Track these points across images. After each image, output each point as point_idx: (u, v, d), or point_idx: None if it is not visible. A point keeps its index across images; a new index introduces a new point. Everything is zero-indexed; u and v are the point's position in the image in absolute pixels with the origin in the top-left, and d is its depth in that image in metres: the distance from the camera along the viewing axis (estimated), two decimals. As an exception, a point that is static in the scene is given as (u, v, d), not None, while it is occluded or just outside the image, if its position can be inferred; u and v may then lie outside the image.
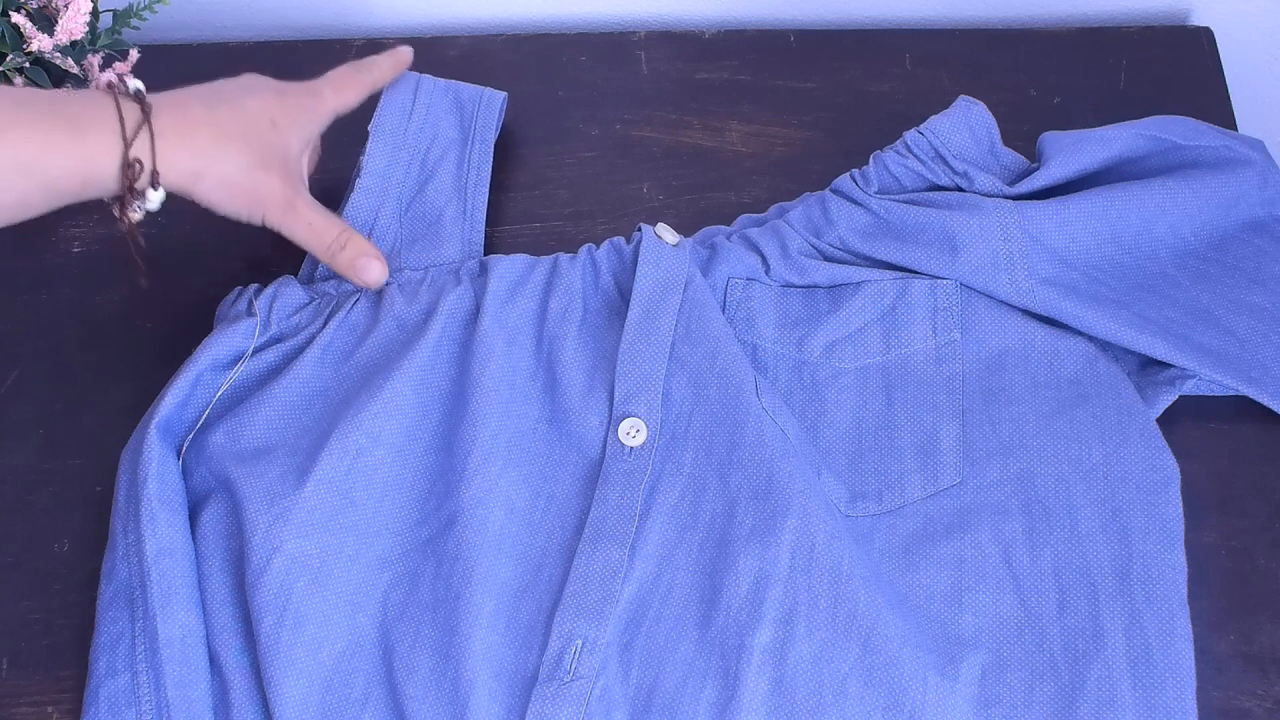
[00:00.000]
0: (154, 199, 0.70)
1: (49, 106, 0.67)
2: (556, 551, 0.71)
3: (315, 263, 0.80)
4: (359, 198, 0.81)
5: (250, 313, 0.76)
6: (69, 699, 0.71)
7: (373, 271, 0.75)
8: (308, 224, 0.74)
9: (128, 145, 0.68)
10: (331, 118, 0.78)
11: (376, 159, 0.82)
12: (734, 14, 0.96)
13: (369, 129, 0.83)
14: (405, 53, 0.83)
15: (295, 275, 0.80)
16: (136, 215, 0.70)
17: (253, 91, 0.74)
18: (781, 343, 0.77)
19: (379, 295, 0.77)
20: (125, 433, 0.74)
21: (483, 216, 0.82)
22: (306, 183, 0.76)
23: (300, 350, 0.75)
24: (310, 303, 0.77)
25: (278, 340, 0.76)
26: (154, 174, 0.69)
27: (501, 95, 0.86)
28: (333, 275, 0.79)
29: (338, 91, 0.78)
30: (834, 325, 0.76)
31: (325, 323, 0.76)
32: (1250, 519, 0.74)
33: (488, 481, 0.71)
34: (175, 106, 0.71)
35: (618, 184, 0.87)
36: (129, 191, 0.69)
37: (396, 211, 0.81)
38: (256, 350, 0.75)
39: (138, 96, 0.70)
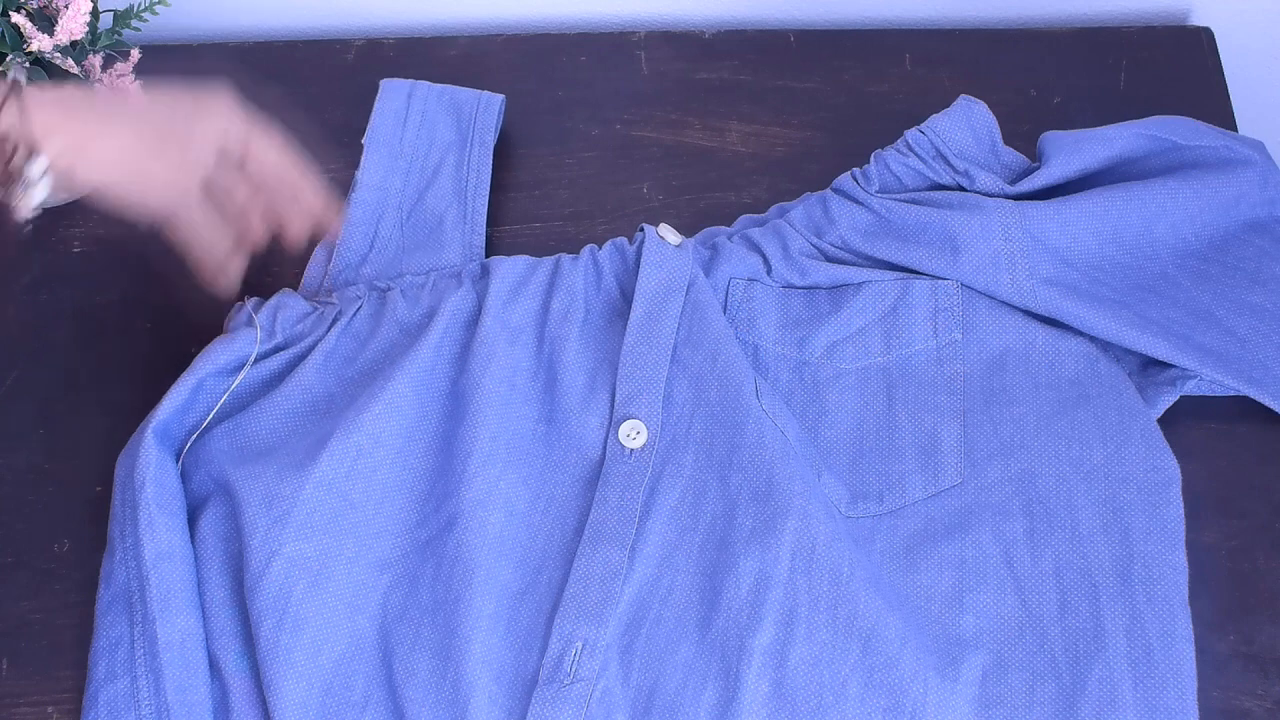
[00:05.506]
0: (36, 171, 0.65)
1: None
2: (556, 553, 0.71)
3: (319, 274, 0.80)
4: (356, 211, 0.81)
5: (251, 324, 0.76)
6: (69, 699, 0.71)
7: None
8: (193, 218, 0.72)
9: None
10: (244, 137, 0.72)
11: (372, 172, 0.82)
12: (734, 14, 0.95)
13: (363, 142, 0.83)
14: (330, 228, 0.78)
15: (295, 274, 0.80)
16: (23, 204, 0.65)
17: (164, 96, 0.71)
18: (782, 343, 0.77)
19: (382, 301, 0.77)
20: (125, 433, 0.74)
21: (483, 220, 0.82)
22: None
23: (303, 357, 0.75)
24: (313, 312, 0.77)
25: (281, 348, 0.76)
26: (30, 142, 0.64)
27: (499, 98, 0.86)
28: (336, 287, 0.79)
29: (264, 148, 0.73)
30: (835, 326, 0.76)
31: (328, 329, 0.76)
32: (1250, 519, 0.74)
33: (487, 483, 0.71)
34: (59, 96, 0.68)
35: (618, 184, 0.87)
36: (6, 166, 0.64)
37: (397, 221, 0.81)
38: (260, 357, 0.75)
39: (13, 84, 0.66)
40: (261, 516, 0.70)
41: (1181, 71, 0.90)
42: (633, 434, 0.72)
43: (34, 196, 0.66)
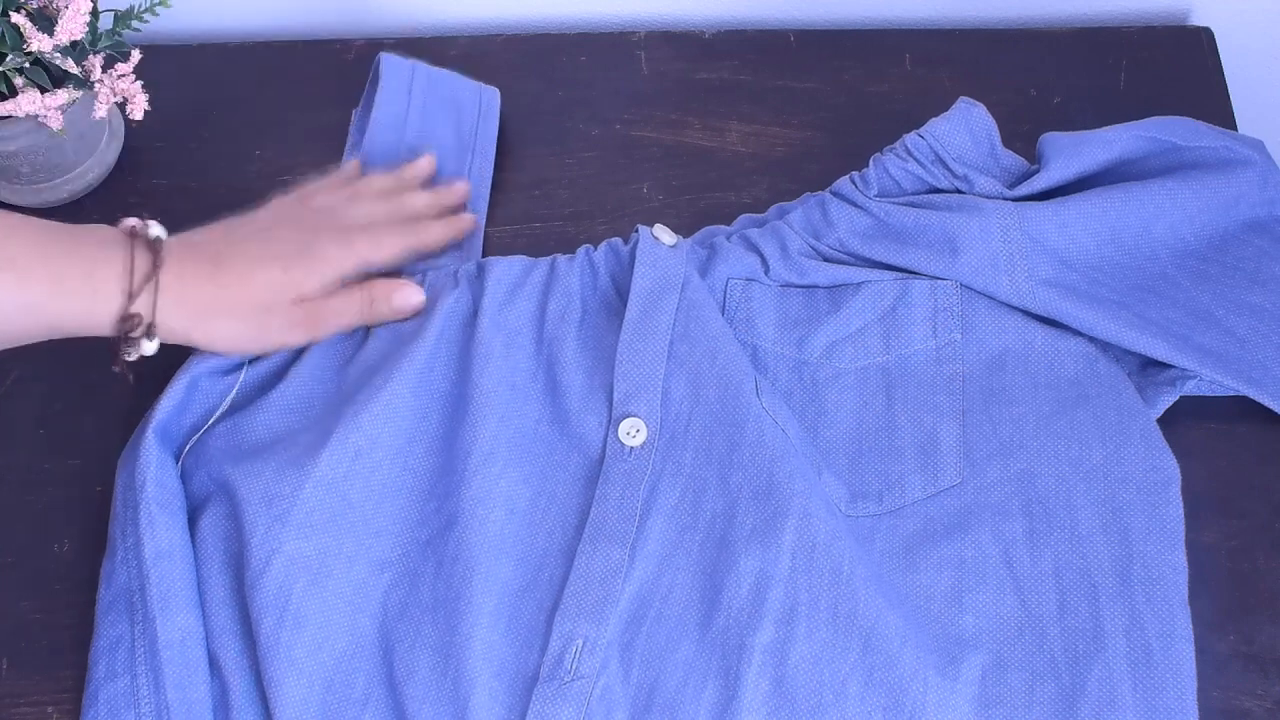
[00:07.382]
0: (149, 348, 0.71)
1: (68, 245, 0.69)
2: (557, 551, 0.71)
3: None
4: None
5: None
6: (69, 699, 0.71)
7: (411, 298, 0.76)
8: (333, 319, 0.75)
9: (131, 299, 0.69)
10: (359, 269, 0.75)
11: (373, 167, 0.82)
12: (734, 14, 0.95)
13: (359, 157, 0.82)
14: (466, 220, 0.81)
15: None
16: (130, 358, 0.71)
17: (272, 241, 0.74)
18: (781, 343, 0.77)
19: None
20: (125, 433, 0.74)
21: (482, 221, 0.82)
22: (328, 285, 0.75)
23: (298, 354, 0.75)
24: None
25: None
26: (150, 327, 0.70)
27: (497, 100, 0.86)
28: None
29: (373, 246, 0.76)
30: (834, 325, 0.76)
31: (324, 327, 0.76)
32: (1250, 519, 0.74)
33: (488, 481, 0.71)
34: (185, 258, 0.71)
35: (618, 184, 0.87)
36: (124, 340, 0.70)
37: None
38: (256, 356, 0.75)
39: (154, 245, 0.70)
40: (261, 515, 0.70)
41: (1181, 71, 0.90)
42: (632, 431, 0.73)
43: (144, 353, 0.71)
